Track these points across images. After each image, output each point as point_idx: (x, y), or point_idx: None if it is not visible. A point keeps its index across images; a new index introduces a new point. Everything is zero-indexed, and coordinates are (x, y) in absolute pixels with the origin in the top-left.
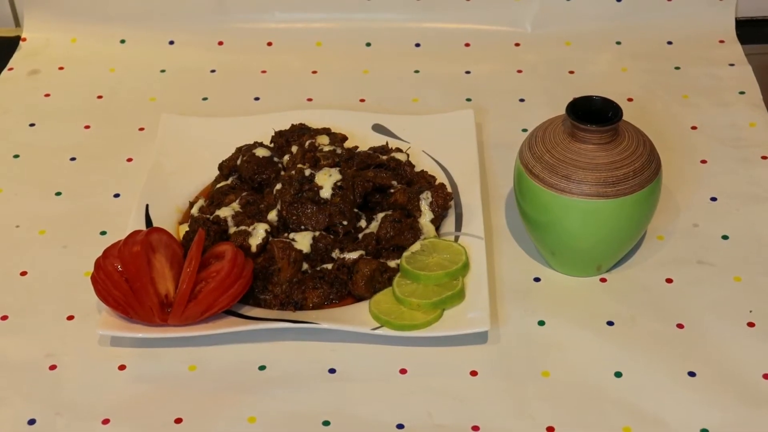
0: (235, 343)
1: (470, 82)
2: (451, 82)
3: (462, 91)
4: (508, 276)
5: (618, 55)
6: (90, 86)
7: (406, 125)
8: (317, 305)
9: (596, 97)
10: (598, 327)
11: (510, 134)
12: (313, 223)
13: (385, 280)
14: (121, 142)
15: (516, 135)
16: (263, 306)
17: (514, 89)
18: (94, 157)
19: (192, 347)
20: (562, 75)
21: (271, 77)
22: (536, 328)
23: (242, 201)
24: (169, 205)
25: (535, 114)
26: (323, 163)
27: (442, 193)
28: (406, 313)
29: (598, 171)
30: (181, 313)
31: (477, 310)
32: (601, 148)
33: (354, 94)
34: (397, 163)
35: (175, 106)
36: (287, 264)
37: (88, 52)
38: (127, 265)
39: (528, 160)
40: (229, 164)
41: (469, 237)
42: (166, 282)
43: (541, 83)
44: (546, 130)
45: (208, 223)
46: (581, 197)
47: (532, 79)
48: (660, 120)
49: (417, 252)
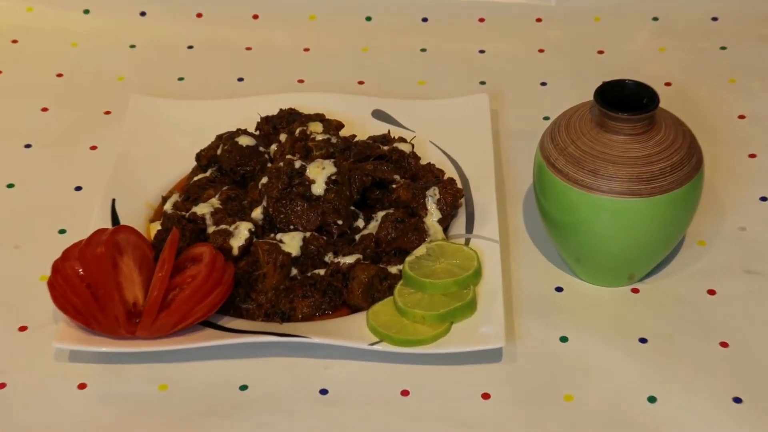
0: (213, 360)
1: (485, 63)
2: (463, 62)
3: (475, 73)
4: (526, 285)
5: (655, 32)
6: (48, 62)
7: (410, 111)
8: (307, 316)
9: (629, 81)
10: (629, 345)
11: (530, 123)
12: (303, 223)
13: (385, 289)
14: (84, 127)
15: (537, 124)
16: (245, 317)
17: (534, 71)
18: (52, 145)
19: (163, 363)
20: (590, 55)
21: (257, 55)
22: (558, 346)
23: (222, 196)
24: (139, 200)
25: (559, 100)
26: (316, 153)
27: (451, 190)
28: (409, 327)
29: (631, 165)
30: (151, 324)
31: (490, 324)
32: (634, 140)
33: (352, 75)
34: (400, 155)
35: (147, 86)
36: (273, 269)
37: (47, 23)
38: (90, 269)
39: (550, 153)
40: (208, 154)
41: (482, 240)
42: (134, 288)
43: (565, 64)
44: (571, 119)
45: (183, 222)
46: (611, 195)
47: (556, 60)
48: (703, 108)
49: (422, 257)
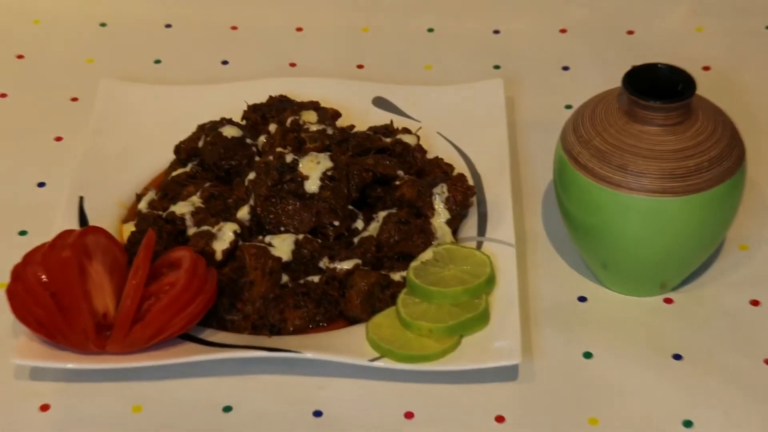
0: (193, 377)
1: (499, 45)
2: (475, 44)
3: (489, 56)
4: (545, 294)
5: (692, 9)
6: (7, 42)
7: (416, 99)
8: (299, 329)
9: (662, 65)
10: (662, 362)
11: (550, 112)
12: (295, 224)
13: (387, 298)
14: (48, 116)
15: (558, 113)
16: (230, 330)
17: (555, 54)
18: (11, 135)
19: (137, 382)
20: (618, 36)
21: (244, 35)
22: (582, 362)
23: (204, 194)
24: (110, 197)
25: (583, 86)
26: (309, 146)
27: (461, 187)
28: (414, 341)
29: (664, 160)
30: (124, 337)
31: (505, 338)
32: (667, 131)
33: (350, 58)
34: (404, 148)
35: (119, 69)
36: (261, 275)
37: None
38: (55, 276)
39: (572, 146)
40: (188, 146)
41: (495, 243)
42: (104, 297)
43: (591, 46)
44: (596, 108)
45: (160, 222)
46: (641, 194)
47: (580, 41)
48: (745, 95)
49: (429, 262)
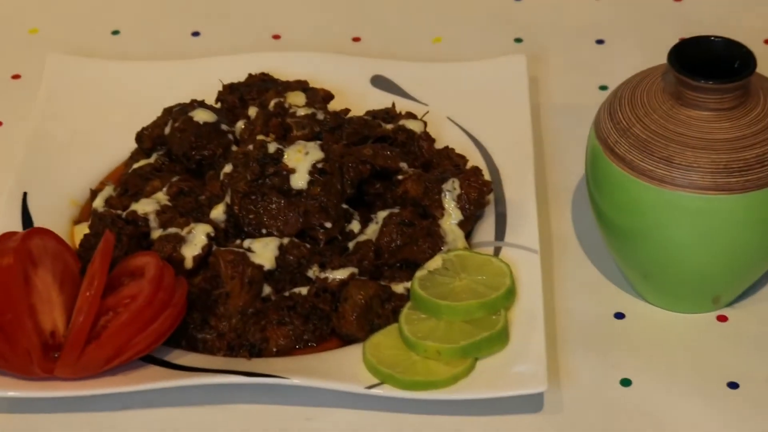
0: (159, 407)
1: (521, 13)
2: (493, 12)
3: (509, 27)
4: (576, 310)
5: None
6: None
7: (422, 78)
8: (284, 350)
9: (715, 38)
10: (714, 390)
11: (581, 94)
12: (279, 225)
13: (387, 313)
14: None
15: (592, 95)
16: (202, 350)
17: (587, 24)
18: None
19: (92, 413)
20: (664, 3)
21: (218, 1)
22: (619, 391)
23: (172, 190)
24: (59, 194)
25: (620, 64)
26: (296, 133)
27: (475, 183)
28: (419, 364)
29: (717, 151)
30: (76, 359)
31: (528, 362)
32: (722, 117)
33: (344, 29)
34: (408, 136)
35: (68, 42)
36: (240, 286)
37: None
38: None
39: (608, 134)
40: (153, 133)
41: (516, 249)
42: (52, 312)
43: (630, 16)
44: (636, 89)
45: (120, 223)
46: (690, 191)
47: (617, 10)
48: None
49: (437, 271)
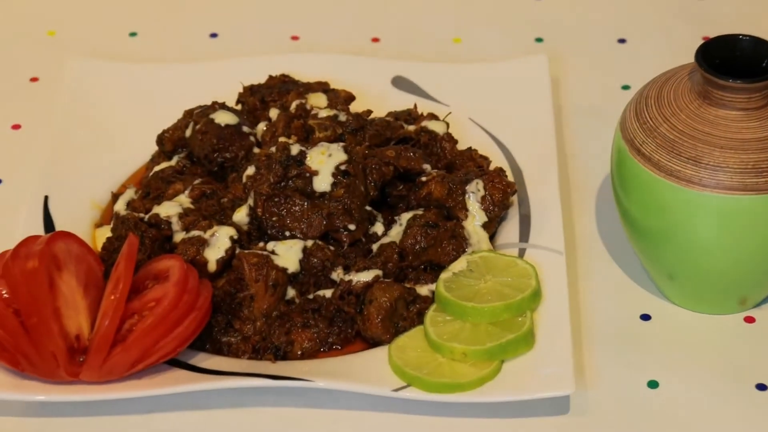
0: (184, 410)
1: (542, 13)
2: (513, 12)
3: (529, 27)
4: (601, 311)
5: None
6: None
7: (443, 79)
8: (309, 352)
9: (743, 37)
10: (742, 392)
11: (605, 94)
12: (303, 228)
13: (412, 316)
14: (3, 100)
15: (615, 95)
16: (227, 354)
17: (610, 23)
18: None
19: (117, 416)
20: (687, 1)
21: (237, 2)
22: (646, 392)
23: (194, 192)
24: (81, 197)
25: (644, 63)
26: (319, 135)
27: (499, 184)
28: (445, 366)
29: (746, 151)
30: (102, 363)
31: (554, 364)
32: (750, 116)
33: (364, 30)
34: (430, 137)
35: (87, 44)
36: (264, 289)
37: None
38: (18, 290)
39: (635, 134)
40: (174, 136)
41: (541, 251)
42: (77, 316)
43: (653, 14)
44: (663, 88)
45: (142, 226)
46: (718, 191)
47: (640, 8)
48: None
49: (462, 273)
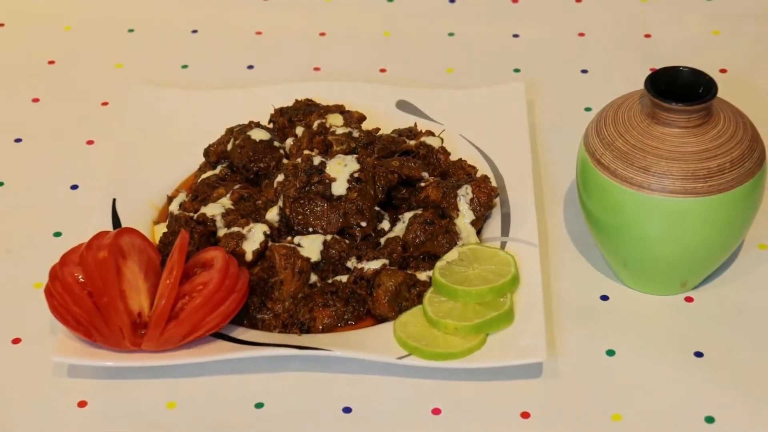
0: (226, 374)
1: (519, 49)
2: (495, 47)
3: (509, 60)
4: (568, 293)
5: (708, 13)
6: (39, 48)
7: (438, 102)
8: (328, 327)
9: (684, 68)
10: (683, 359)
11: (571, 115)
12: (323, 225)
13: (413, 297)
14: (79, 120)
15: (579, 116)
16: (261, 328)
17: (575, 57)
18: (44, 139)
19: (172, 379)
20: (636, 39)
21: (268, 40)
22: (604, 360)
23: (234, 196)
24: (142, 199)
25: (603, 89)
26: (336, 149)
27: (485, 188)
28: (440, 339)
29: (686, 161)
30: (159, 335)
31: (530, 336)
32: (689, 133)
33: (373, 62)
34: (428, 150)
35: (147, 74)
36: (291, 275)
37: (37, 4)
38: (92, 275)
39: (595, 148)
40: (218, 149)
41: (519, 243)
42: (139, 297)
43: (609, 50)
44: (618, 110)
45: (192, 223)
46: (663, 194)
47: (598, 45)
48: (764, 97)
49: (454, 262)
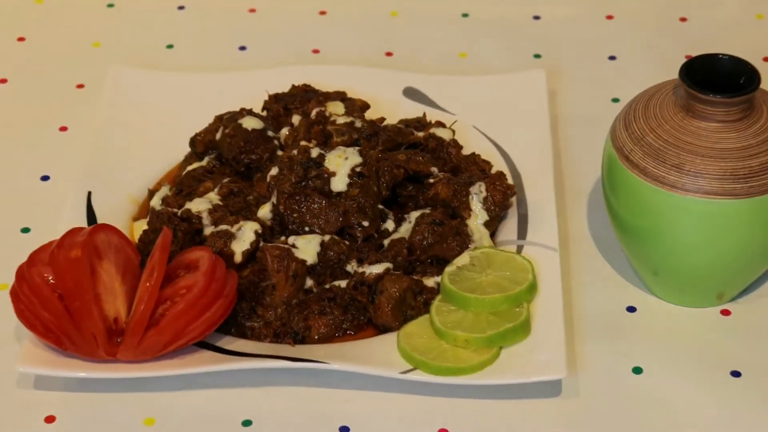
0: (211, 388)
1: (540, 31)
2: (514, 30)
3: (529, 44)
4: (591, 303)
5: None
6: (7, 23)
7: (450, 90)
8: (325, 337)
9: (723, 56)
10: (718, 379)
11: (597, 106)
12: (321, 224)
13: (419, 305)
14: (52, 105)
15: (605, 107)
16: (250, 337)
17: (602, 42)
18: (12, 124)
19: (150, 393)
20: (671, 23)
21: (263, 19)
22: (630, 378)
23: (223, 190)
24: (121, 193)
25: (633, 78)
26: (336, 140)
27: (500, 186)
28: (449, 352)
29: (724, 159)
30: (137, 344)
31: (548, 350)
32: (728, 128)
33: (378, 44)
34: (438, 143)
35: (128, 54)
36: (284, 279)
37: None
38: (63, 277)
39: (624, 143)
40: (205, 139)
41: (537, 247)
42: (115, 301)
43: (640, 34)
44: (650, 102)
45: (175, 220)
46: (699, 195)
47: (628, 29)
48: None
49: (465, 267)
